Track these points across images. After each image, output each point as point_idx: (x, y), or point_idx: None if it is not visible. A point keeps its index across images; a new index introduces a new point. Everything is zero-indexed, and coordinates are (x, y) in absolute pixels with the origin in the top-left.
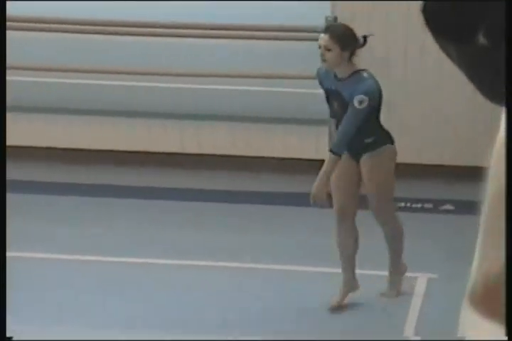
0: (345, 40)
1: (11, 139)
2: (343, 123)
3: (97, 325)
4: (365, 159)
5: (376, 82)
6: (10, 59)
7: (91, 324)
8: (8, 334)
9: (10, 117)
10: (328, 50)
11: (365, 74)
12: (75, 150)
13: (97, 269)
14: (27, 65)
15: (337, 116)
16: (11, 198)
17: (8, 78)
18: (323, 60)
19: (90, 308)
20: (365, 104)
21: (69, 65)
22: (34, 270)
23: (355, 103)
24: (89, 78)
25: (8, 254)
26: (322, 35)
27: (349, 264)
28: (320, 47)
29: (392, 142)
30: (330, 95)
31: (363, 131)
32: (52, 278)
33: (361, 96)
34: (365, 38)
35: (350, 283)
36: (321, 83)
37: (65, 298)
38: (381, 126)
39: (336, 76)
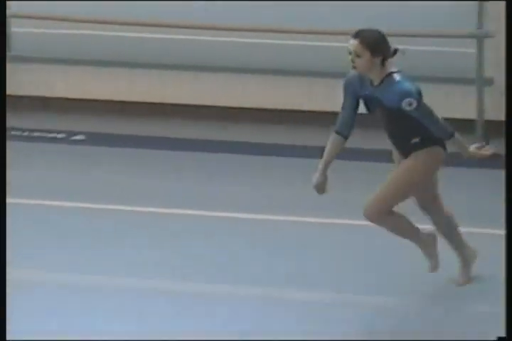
0: (376, 45)
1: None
2: (427, 122)
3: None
4: (413, 156)
5: (409, 81)
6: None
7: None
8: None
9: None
10: (358, 56)
11: (397, 77)
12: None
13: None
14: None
15: (380, 120)
16: (53, 148)
17: (102, 33)
18: (353, 67)
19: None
20: (415, 104)
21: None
22: (72, 219)
23: (407, 108)
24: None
25: (46, 203)
26: (352, 40)
27: (456, 240)
28: (350, 52)
29: (440, 144)
30: (368, 101)
31: (409, 132)
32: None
33: (406, 101)
34: (395, 50)
35: (468, 254)
36: (353, 90)
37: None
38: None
39: (371, 82)
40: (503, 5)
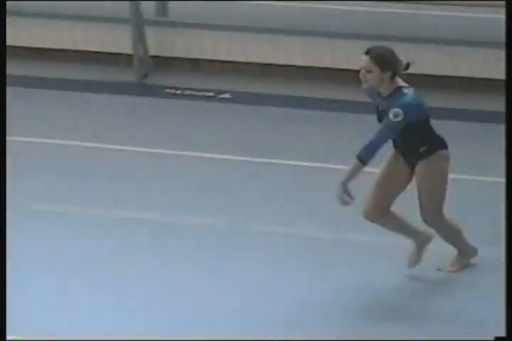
0: (386, 62)
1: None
2: (376, 133)
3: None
4: (420, 165)
5: (415, 96)
6: None
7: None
8: None
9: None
10: (369, 71)
11: (404, 90)
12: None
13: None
14: None
15: None
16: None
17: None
18: (365, 81)
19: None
20: (400, 118)
21: None
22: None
23: (391, 116)
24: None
25: (196, 154)
26: (363, 56)
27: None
28: (362, 68)
29: (445, 147)
30: (378, 113)
31: (417, 141)
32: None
33: (396, 110)
34: (408, 64)
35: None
36: (372, 100)
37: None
38: (434, 134)
39: (379, 94)
40: None
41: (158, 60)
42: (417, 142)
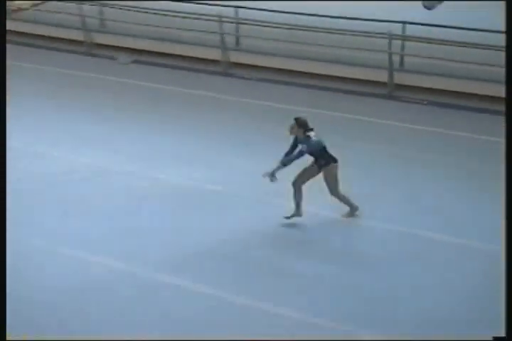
0: (301, 124)
1: None
2: (296, 153)
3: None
4: (323, 170)
5: (314, 140)
6: None
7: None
8: None
9: None
10: (292, 128)
11: (309, 138)
12: None
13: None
14: None
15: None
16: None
17: None
18: (291, 133)
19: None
20: (304, 149)
21: None
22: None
23: (302, 149)
24: None
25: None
26: (293, 121)
27: (299, 202)
28: (290, 126)
29: (335, 161)
30: (295, 143)
31: (321, 158)
32: None
33: (301, 146)
34: (311, 129)
35: (300, 211)
36: (294, 140)
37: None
38: (330, 155)
39: (299, 138)
40: None
41: (398, 86)
42: (320, 158)
